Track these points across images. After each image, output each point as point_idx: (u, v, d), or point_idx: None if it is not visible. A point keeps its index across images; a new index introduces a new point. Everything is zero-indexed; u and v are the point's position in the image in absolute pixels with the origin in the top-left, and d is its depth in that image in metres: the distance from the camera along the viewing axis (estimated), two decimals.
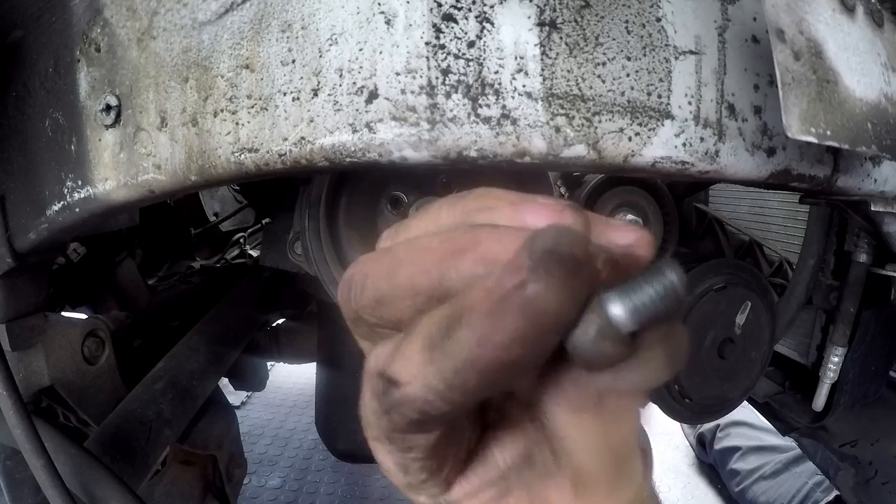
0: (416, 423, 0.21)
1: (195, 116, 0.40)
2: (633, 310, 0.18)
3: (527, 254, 0.17)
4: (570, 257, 0.17)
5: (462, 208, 0.23)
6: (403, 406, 0.20)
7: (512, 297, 0.17)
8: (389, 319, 0.23)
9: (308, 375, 1.94)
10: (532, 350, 0.18)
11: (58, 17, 0.46)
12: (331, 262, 0.65)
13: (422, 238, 0.23)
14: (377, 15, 0.35)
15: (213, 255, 1.69)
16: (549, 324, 0.17)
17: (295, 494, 1.81)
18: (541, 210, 0.21)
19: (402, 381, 0.20)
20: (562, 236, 0.17)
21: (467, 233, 0.21)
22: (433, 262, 0.21)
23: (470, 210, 0.23)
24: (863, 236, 0.84)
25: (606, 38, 0.36)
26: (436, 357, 0.19)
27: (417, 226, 0.25)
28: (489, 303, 0.17)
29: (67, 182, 0.47)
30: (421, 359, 0.19)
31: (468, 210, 0.23)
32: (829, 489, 1.59)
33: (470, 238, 0.21)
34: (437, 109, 0.35)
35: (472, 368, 0.18)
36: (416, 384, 0.19)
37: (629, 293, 0.18)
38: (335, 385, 0.97)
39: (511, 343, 0.17)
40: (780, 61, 0.34)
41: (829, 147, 0.39)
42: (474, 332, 0.18)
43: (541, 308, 0.17)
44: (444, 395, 0.19)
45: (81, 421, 0.73)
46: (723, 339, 0.79)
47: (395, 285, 0.22)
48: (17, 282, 0.60)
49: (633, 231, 0.23)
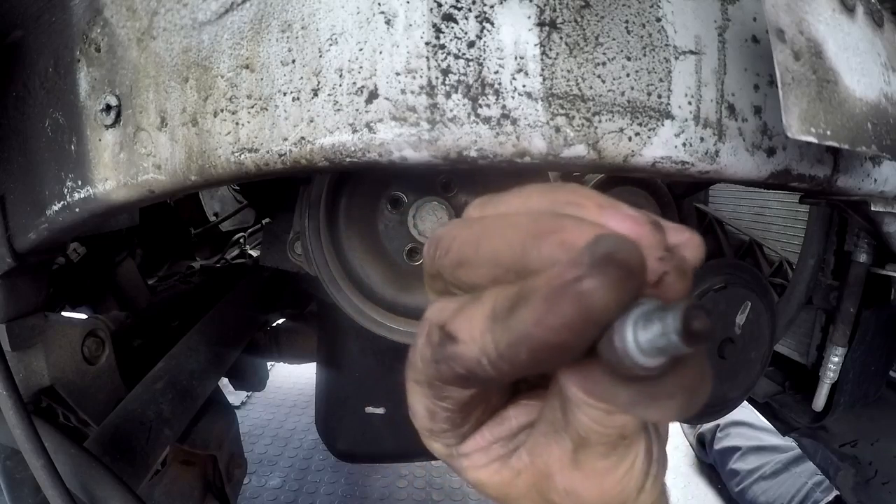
0: (460, 378, 0.23)
1: (195, 116, 0.40)
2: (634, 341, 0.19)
3: (589, 252, 0.19)
4: (624, 264, 0.19)
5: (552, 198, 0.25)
6: (454, 361, 0.22)
7: (569, 287, 0.19)
8: (465, 282, 0.25)
9: (308, 375, 1.94)
10: (577, 337, 0.19)
11: (58, 17, 0.46)
12: (331, 262, 0.65)
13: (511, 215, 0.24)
14: (377, 15, 0.35)
15: (213, 255, 1.69)
16: (595, 317, 0.19)
17: (295, 494, 1.82)
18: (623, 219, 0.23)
19: (460, 338, 0.22)
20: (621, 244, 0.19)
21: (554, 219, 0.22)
22: (518, 239, 0.22)
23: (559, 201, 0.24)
24: (863, 236, 0.84)
25: (606, 38, 0.36)
26: (496, 328, 0.21)
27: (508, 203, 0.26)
28: (550, 289, 0.19)
29: (67, 182, 0.47)
30: (483, 325, 0.21)
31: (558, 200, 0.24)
32: (829, 489, 1.59)
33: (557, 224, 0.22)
34: (437, 109, 0.35)
35: (525, 344, 0.20)
36: (473, 346, 0.21)
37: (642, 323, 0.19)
38: (335, 385, 0.96)
39: (561, 328, 0.19)
40: (780, 61, 0.34)
41: (829, 147, 0.39)
42: (534, 312, 0.20)
43: (590, 302, 0.19)
44: (495, 362, 0.21)
45: (81, 421, 0.73)
46: (723, 339, 0.79)
47: (480, 253, 0.24)
48: (17, 282, 0.60)
49: (683, 232, 0.24)
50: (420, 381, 0.25)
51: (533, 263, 0.22)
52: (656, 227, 0.23)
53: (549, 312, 0.19)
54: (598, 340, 0.20)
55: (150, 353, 0.87)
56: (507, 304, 0.21)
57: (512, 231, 0.23)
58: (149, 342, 0.98)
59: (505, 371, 0.21)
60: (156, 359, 0.85)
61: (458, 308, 0.23)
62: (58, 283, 1.10)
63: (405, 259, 0.68)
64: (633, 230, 0.22)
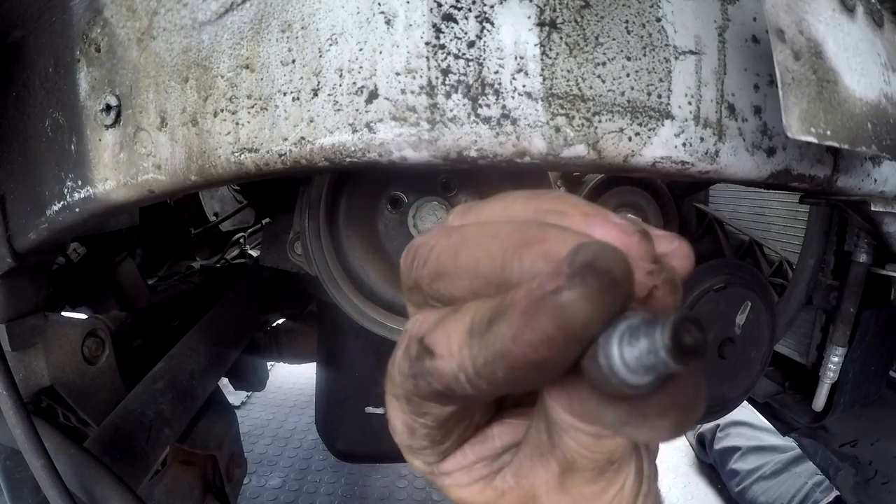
0: (438, 394, 0.22)
1: (195, 116, 0.40)
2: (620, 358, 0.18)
3: (569, 262, 0.18)
4: (606, 273, 0.18)
5: (536, 205, 0.24)
6: (432, 376, 0.21)
7: (547, 300, 0.18)
8: (444, 295, 0.24)
9: (308, 375, 1.94)
10: (557, 354, 0.18)
11: (58, 17, 0.46)
12: (331, 262, 0.65)
13: (492, 224, 0.23)
14: (377, 15, 0.35)
15: (213, 255, 1.69)
16: (575, 332, 0.18)
17: (295, 494, 1.82)
18: (610, 227, 0.22)
19: (437, 353, 0.21)
20: (603, 252, 0.18)
21: (537, 228, 0.21)
22: (499, 249, 0.21)
23: (543, 209, 0.23)
24: (863, 236, 0.84)
25: (606, 38, 0.36)
26: (474, 343, 0.20)
27: (489, 210, 0.25)
28: (528, 302, 0.18)
29: (67, 182, 0.47)
30: (460, 340, 0.20)
31: (542, 209, 0.23)
32: (829, 489, 1.59)
33: (539, 234, 0.21)
34: (437, 109, 0.35)
35: (502, 362, 0.19)
36: (451, 361, 0.20)
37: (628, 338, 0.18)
38: (335, 385, 0.96)
39: (539, 343, 0.18)
40: (780, 61, 0.34)
41: (829, 147, 0.39)
42: (510, 328, 0.18)
43: (570, 315, 0.18)
44: (472, 379, 0.20)
45: (81, 421, 0.73)
46: (723, 339, 0.79)
47: (459, 264, 0.22)
48: (17, 282, 0.60)
49: (671, 240, 0.23)
50: (398, 396, 0.24)
51: (514, 275, 0.21)
52: (644, 236, 0.22)
53: (527, 327, 0.18)
54: (581, 357, 0.19)
55: (150, 353, 0.87)
56: (485, 318, 0.20)
57: (492, 241, 0.22)
58: (149, 342, 0.99)
59: (483, 389, 0.20)
60: (156, 359, 0.85)
61: (438, 321, 0.22)
62: (58, 283, 1.10)
63: None
64: (620, 240, 0.21)
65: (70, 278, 1.13)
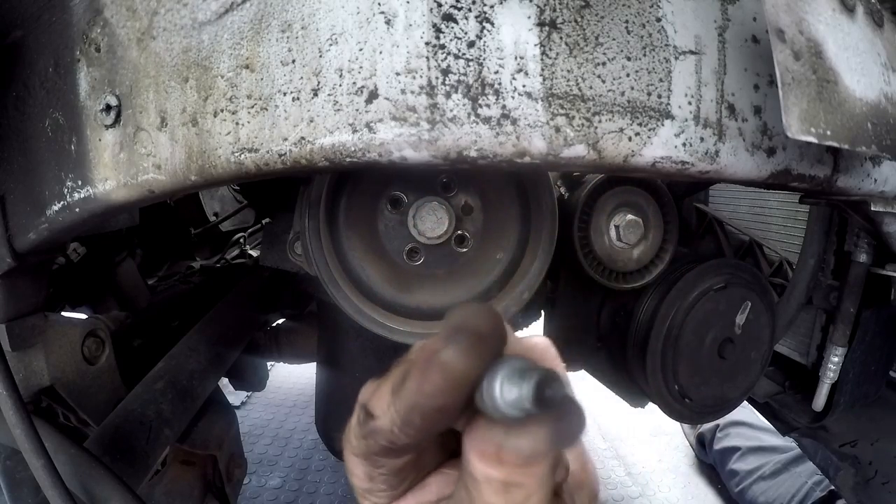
0: (385, 449, 0.26)
1: (195, 116, 0.40)
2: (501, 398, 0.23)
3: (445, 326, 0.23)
4: (474, 330, 0.23)
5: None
6: (377, 435, 0.25)
7: (434, 359, 0.23)
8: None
9: (308, 375, 1.94)
10: (450, 398, 0.23)
11: (58, 17, 0.46)
12: (331, 262, 0.65)
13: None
14: (377, 15, 0.35)
15: (213, 255, 1.69)
16: (458, 380, 0.23)
17: (295, 494, 1.81)
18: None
19: (376, 414, 0.25)
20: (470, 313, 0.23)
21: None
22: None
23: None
24: (863, 236, 0.84)
25: (606, 38, 0.36)
26: (395, 399, 0.24)
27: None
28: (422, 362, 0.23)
29: (67, 182, 0.47)
30: (388, 399, 0.25)
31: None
32: (828, 489, 1.59)
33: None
34: (437, 109, 0.35)
35: (415, 410, 0.23)
36: (385, 419, 0.25)
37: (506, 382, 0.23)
38: (335, 385, 0.96)
39: (435, 392, 0.23)
40: (780, 61, 0.34)
41: (829, 147, 0.39)
42: (414, 383, 0.23)
43: (451, 368, 0.22)
44: (402, 429, 0.24)
45: (81, 421, 0.73)
46: (723, 339, 0.79)
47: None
48: (17, 282, 0.60)
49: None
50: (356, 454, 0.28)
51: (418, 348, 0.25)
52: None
53: (425, 381, 0.23)
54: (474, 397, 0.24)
55: (150, 353, 0.87)
56: (400, 378, 0.24)
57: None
58: (149, 342, 0.99)
59: (412, 435, 0.24)
60: (156, 359, 0.85)
61: (375, 388, 0.26)
62: (58, 283, 1.10)
63: (405, 259, 0.68)
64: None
65: (70, 278, 1.13)
